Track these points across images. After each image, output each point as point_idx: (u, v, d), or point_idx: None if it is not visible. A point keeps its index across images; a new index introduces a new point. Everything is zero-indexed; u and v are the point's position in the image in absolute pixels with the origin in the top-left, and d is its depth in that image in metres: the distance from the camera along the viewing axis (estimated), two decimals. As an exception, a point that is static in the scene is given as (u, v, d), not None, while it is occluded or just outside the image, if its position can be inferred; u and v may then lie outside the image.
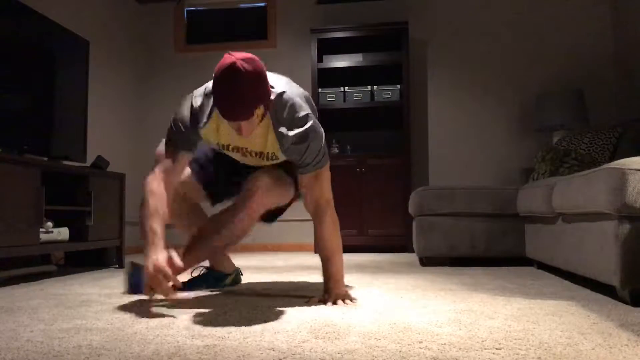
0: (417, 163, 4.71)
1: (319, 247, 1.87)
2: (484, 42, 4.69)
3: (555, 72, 4.57)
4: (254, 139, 1.78)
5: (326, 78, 4.70)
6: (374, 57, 4.55)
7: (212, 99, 1.77)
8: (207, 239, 1.83)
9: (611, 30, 4.51)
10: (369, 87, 4.51)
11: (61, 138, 3.22)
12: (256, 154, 1.84)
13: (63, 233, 2.89)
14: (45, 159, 3.08)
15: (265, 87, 1.59)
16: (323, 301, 1.79)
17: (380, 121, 4.76)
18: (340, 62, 4.57)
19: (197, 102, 1.77)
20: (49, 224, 2.79)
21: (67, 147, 3.27)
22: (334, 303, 1.76)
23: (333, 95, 4.52)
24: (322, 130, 1.77)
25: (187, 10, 5.19)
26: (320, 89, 4.54)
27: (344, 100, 4.52)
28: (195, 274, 2.30)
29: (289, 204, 2.06)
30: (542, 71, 4.59)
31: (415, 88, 4.75)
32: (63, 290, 2.25)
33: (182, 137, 1.78)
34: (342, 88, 4.53)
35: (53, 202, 2.93)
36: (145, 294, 1.66)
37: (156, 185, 1.77)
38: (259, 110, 1.61)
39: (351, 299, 1.81)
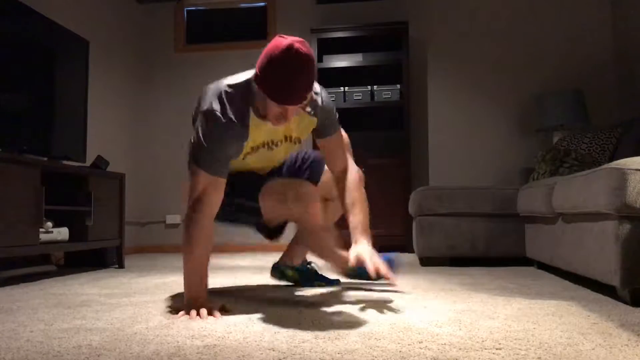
0: (417, 163, 4.71)
1: (344, 199, 1.88)
2: (484, 42, 4.69)
3: (555, 72, 4.57)
4: (280, 129, 1.78)
5: (326, 78, 4.70)
6: (374, 57, 4.55)
7: (244, 98, 1.65)
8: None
9: (611, 30, 4.51)
10: (369, 87, 4.51)
11: (61, 138, 3.22)
12: (280, 142, 1.83)
13: (63, 233, 2.89)
14: (45, 159, 3.08)
15: (316, 70, 1.62)
16: (362, 260, 1.72)
17: (380, 121, 4.76)
18: (340, 62, 4.57)
19: (228, 109, 1.63)
20: (49, 224, 2.79)
21: (67, 147, 3.27)
22: (376, 268, 1.71)
23: (333, 95, 4.52)
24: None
25: (187, 10, 5.19)
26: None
27: (344, 100, 4.52)
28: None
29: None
30: (542, 71, 4.59)
31: (415, 88, 4.75)
32: (63, 290, 2.25)
33: (220, 155, 1.62)
34: (342, 88, 4.53)
35: (53, 202, 2.93)
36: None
37: (207, 231, 1.62)
38: (311, 93, 1.63)
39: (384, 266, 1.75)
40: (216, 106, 1.63)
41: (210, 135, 1.61)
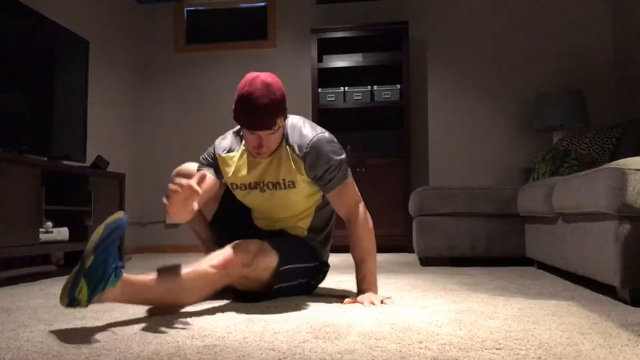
0: (417, 163, 4.71)
1: (353, 249, 1.85)
2: (484, 42, 4.69)
3: (555, 72, 4.57)
4: (270, 169, 1.81)
5: (326, 78, 4.70)
6: (374, 57, 4.55)
7: (238, 135, 1.91)
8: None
9: (611, 30, 4.51)
10: (369, 87, 4.51)
11: (61, 138, 3.22)
12: (272, 185, 1.83)
13: (63, 233, 2.89)
14: (45, 159, 3.08)
15: (284, 101, 1.69)
16: (359, 302, 1.75)
17: (380, 121, 4.76)
18: (340, 62, 4.57)
19: (222, 139, 1.93)
20: (49, 224, 2.79)
21: (67, 147, 3.27)
22: (371, 302, 1.73)
23: (333, 95, 4.52)
24: (338, 144, 1.83)
25: (187, 10, 5.19)
26: (320, 89, 4.54)
27: (344, 100, 4.52)
28: None
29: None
30: (542, 71, 4.59)
31: (415, 88, 4.75)
32: (63, 290, 2.24)
33: (208, 164, 1.90)
34: (342, 88, 4.53)
35: (53, 202, 2.93)
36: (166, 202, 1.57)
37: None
38: (280, 122, 1.68)
39: (382, 300, 1.78)
40: (228, 133, 1.97)
41: (212, 147, 1.94)
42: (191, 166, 1.99)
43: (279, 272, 1.77)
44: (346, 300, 1.79)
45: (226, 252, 1.68)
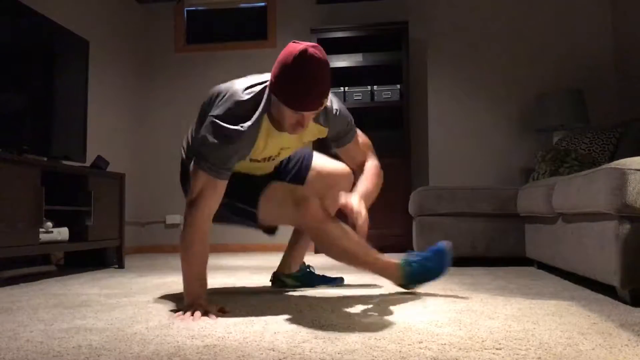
0: (417, 163, 4.70)
1: (359, 176, 1.89)
2: (484, 42, 4.68)
3: (555, 72, 4.57)
4: (292, 137, 1.75)
5: (326, 78, 4.70)
6: (374, 57, 4.55)
7: (257, 106, 1.60)
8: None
9: (611, 30, 4.51)
10: (369, 87, 4.51)
11: (61, 138, 3.22)
12: (287, 150, 1.83)
13: (63, 233, 2.89)
14: (45, 159, 3.08)
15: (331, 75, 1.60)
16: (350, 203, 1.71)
17: (380, 121, 4.76)
18: (340, 62, 4.57)
19: (240, 116, 1.59)
20: (49, 224, 2.79)
21: (67, 147, 3.27)
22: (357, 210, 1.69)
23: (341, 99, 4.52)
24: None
25: (187, 10, 5.19)
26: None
27: (344, 100, 4.52)
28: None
29: None
30: (542, 71, 4.59)
31: (415, 88, 4.75)
32: (63, 290, 2.24)
33: (223, 159, 1.59)
34: (342, 88, 4.53)
35: (53, 202, 2.93)
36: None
37: (203, 232, 1.62)
38: (327, 99, 1.60)
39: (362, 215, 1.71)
40: (228, 112, 1.59)
41: (218, 140, 1.57)
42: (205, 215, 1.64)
43: None
44: (340, 199, 1.73)
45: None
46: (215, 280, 2.57)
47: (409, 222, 4.25)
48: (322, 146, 3.21)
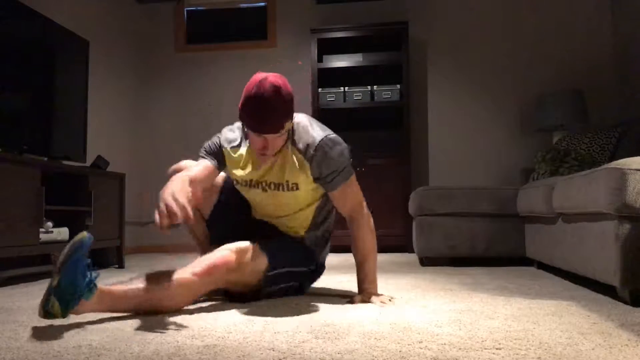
0: (417, 163, 4.70)
1: (354, 249, 1.86)
2: (484, 42, 4.68)
3: (555, 72, 4.57)
4: (274, 169, 1.80)
5: (326, 78, 4.70)
6: (374, 57, 4.55)
7: (241, 129, 1.88)
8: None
9: (611, 30, 4.50)
10: (369, 87, 4.51)
11: (61, 138, 3.22)
12: (275, 185, 1.82)
13: (63, 233, 2.89)
14: (45, 159, 3.08)
15: (292, 104, 1.66)
16: (363, 301, 1.78)
17: (380, 121, 4.76)
18: (340, 62, 4.57)
19: (230, 130, 1.90)
20: (49, 224, 2.79)
21: (67, 147, 3.27)
22: (370, 300, 1.77)
23: (333, 95, 4.52)
24: (344, 144, 1.81)
25: (187, 10, 5.19)
26: (320, 89, 4.54)
27: (344, 100, 4.52)
28: None
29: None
30: (542, 71, 4.59)
31: (415, 88, 4.75)
32: (63, 290, 2.24)
33: (210, 152, 1.86)
34: (342, 88, 4.53)
35: (53, 202, 2.93)
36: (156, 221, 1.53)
37: (182, 167, 1.86)
38: (288, 125, 1.67)
39: (390, 299, 1.80)
40: (224, 132, 1.92)
41: (206, 145, 1.89)
42: (189, 164, 1.89)
43: (268, 276, 1.78)
44: (356, 299, 1.80)
45: (211, 258, 1.67)
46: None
47: (409, 222, 4.25)
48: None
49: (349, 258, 3.85)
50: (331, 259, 3.71)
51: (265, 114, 1.60)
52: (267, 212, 1.95)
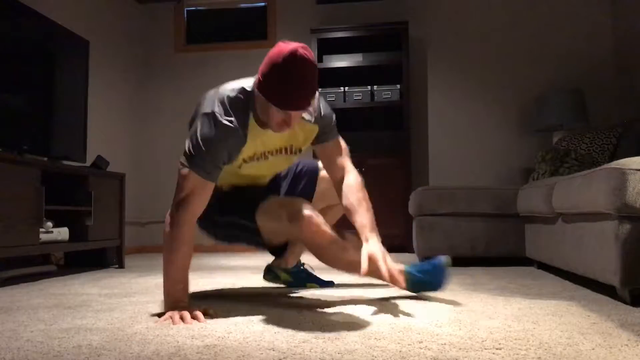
0: (417, 163, 4.70)
1: (349, 194, 1.81)
2: (484, 42, 4.68)
3: (555, 72, 4.57)
4: (278, 135, 1.72)
5: (326, 78, 4.70)
6: (374, 57, 4.55)
7: (245, 104, 1.61)
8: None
9: (611, 30, 4.51)
10: (369, 87, 4.51)
11: (61, 138, 3.22)
12: (285, 149, 1.81)
13: (63, 233, 2.89)
14: (45, 159, 3.08)
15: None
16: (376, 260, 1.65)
17: (380, 121, 4.76)
18: (340, 62, 4.57)
19: (230, 113, 1.59)
20: (49, 224, 2.79)
21: (67, 147, 3.27)
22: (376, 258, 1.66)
23: (333, 95, 4.52)
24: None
25: (187, 10, 5.19)
26: (320, 89, 4.53)
27: (344, 100, 4.52)
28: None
29: None
30: (542, 71, 4.59)
31: (415, 88, 4.75)
32: (63, 290, 2.24)
33: (214, 159, 1.58)
34: (342, 88, 4.53)
35: (53, 202, 2.93)
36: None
37: (190, 233, 1.60)
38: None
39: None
40: (217, 109, 1.59)
41: (208, 137, 1.56)
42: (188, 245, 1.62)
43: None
44: (363, 258, 1.65)
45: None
46: (215, 280, 2.57)
47: (408, 222, 4.25)
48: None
49: (349, 258, 3.85)
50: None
51: (300, 91, 1.49)
52: (259, 174, 1.90)
